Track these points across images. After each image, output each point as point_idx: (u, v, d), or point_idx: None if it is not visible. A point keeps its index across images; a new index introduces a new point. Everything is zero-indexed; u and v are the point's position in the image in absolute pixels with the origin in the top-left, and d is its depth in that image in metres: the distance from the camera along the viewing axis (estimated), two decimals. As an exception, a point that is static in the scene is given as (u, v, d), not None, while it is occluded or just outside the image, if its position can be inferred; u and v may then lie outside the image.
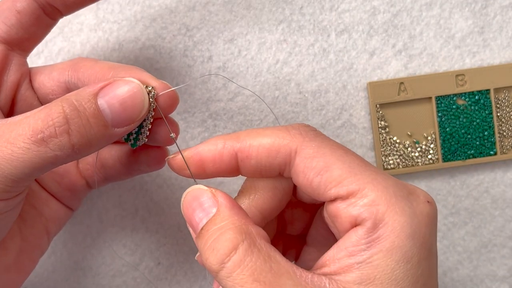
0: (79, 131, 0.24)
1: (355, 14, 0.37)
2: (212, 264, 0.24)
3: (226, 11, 0.37)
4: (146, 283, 0.38)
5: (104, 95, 0.25)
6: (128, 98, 0.25)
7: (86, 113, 0.24)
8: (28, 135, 0.23)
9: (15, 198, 0.25)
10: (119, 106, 0.25)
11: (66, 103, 0.24)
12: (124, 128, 0.25)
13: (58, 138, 0.24)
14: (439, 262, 0.38)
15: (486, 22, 0.37)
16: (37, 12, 0.29)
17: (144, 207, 0.38)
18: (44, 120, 0.24)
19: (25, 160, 0.23)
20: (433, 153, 0.37)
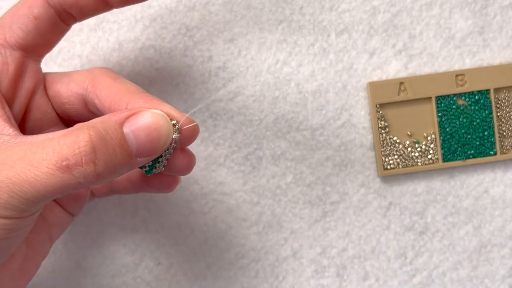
0: (104, 160, 0.24)
1: (355, 14, 0.37)
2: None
3: (226, 11, 0.37)
4: (146, 283, 0.38)
5: (130, 125, 0.25)
6: (154, 130, 0.25)
7: (112, 142, 0.24)
8: (53, 161, 0.23)
9: (31, 216, 0.25)
10: (145, 137, 0.25)
11: (93, 131, 0.24)
12: (146, 158, 0.25)
13: (84, 167, 0.24)
14: (437, 262, 0.38)
15: (486, 22, 0.37)
16: (53, 18, 0.29)
17: (144, 207, 0.38)
18: (70, 147, 0.23)
19: (48, 184, 0.23)
20: (433, 153, 0.37)
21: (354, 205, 0.38)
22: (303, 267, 0.38)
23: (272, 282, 0.38)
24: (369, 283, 0.38)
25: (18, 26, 0.28)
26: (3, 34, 0.28)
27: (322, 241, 0.38)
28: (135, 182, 0.31)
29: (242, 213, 0.38)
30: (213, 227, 0.38)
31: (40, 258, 0.31)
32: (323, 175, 0.38)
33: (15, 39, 0.28)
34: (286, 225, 0.38)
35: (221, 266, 0.38)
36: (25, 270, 0.29)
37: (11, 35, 0.28)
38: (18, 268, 0.29)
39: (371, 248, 0.38)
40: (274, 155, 0.38)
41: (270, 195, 0.38)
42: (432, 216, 0.38)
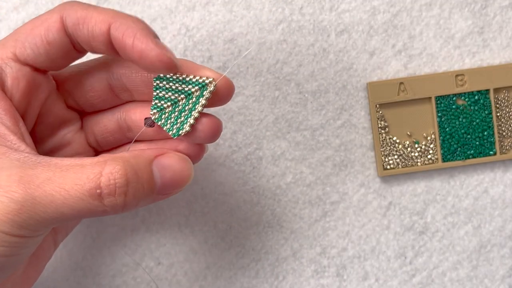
0: (134, 194, 0.25)
1: (355, 14, 0.37)
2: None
3: (226, 11, 0.37)
4: (146, 283, 0.38)
5: (158, 165, 0.26)
6: (178, 171, 0.27)
7: (143, 178, 0.26)
8: (87, 187, 0.24)
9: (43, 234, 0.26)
10: (170, 178, 0.27)
11: (128, 166, 0.25)
12: (165, 196, 0.27)
13: (115, 197, 0.25)
14: (437, 262, 0.38)
15: (485, 22, 0.37)
16: (66, 46, 0.28)
17: (144, 207, 0.38)
18: (106, 177, 0.24)
19: (74, 208, 0.24)
20: (432, 153, 0.38)
21: (354, 205, 0.38)
22: (303, 267, 0.38)
23: (272, 282, 0.38)
24: (369, 283, 0.38)
25: (30, 45, 0.28)
26: (15, 48, 0.28)
27: (322, 241, 0.38)
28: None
29: (242, 213, 0.38)
30: (213, 227, 0.38)
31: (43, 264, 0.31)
32: (323, 175, 0.38)
33: (24, 57, 0.28)
34: (286, 225, 0.38)
35: (221, 266, 0.38)
36: (27, 277, 0.30)
37: (22, 52, 0.28)
38: (21, 275, 0.29)
39: (371, 248, 0.38)
40: (274, 155, 0.38)
41: (270, 195, 0.38)
42: (432, 216, 0.38)
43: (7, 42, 0.28)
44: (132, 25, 0.27)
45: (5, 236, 0.24)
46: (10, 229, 0.24)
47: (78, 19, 0.27)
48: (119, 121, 0.31)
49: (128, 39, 0.26)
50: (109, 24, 0.27)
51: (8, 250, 0.24)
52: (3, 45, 0.28)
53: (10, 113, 0.27)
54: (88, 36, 0.27)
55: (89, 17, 0.27)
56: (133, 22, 0.27)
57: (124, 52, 0.27)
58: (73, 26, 0.27)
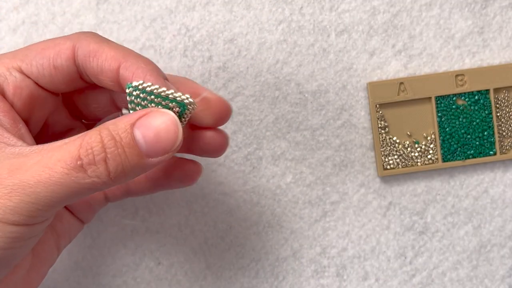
0: (115, 159, 0.24)
1: (355, 14, 0.37)
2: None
3: (226, 11, 0.37)
4: (146, 283, 0.38)
5: (140, 126, 0.25)
6: (162, 130, 0.25)
7: (122, 142, 0.25)
8: (68, 161, 0.24)
9: (40, 224, 0.25)
10: (153, 137, 0.25)
11: (104, 132, 0.25)
12: (158, 158, 0.26)
13: (96, 166, 0.24)
14: (437, 262, 0.38)
15: (485, 22, 0.37)
16: (72, 74, 0.28)
17: (144, 207, 0.38)
18: (83, 147, 0.24)
19: (63, 184, 0.24)
20: (432, 153, 0.38)
21: (354, 205, 0.38)
22: (303, 267, 0.38)
23: (272, 282, 0.38)
24: (369, 283, 0.38)
25: (36, 64, 0.28)
26: (21, 62, 0.28)
27: (322, 241, 0.38)
28: (153, 178, 0.32)
29: (242, 213, 0.38)
30: (213, 227, 0.38)
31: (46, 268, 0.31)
32: (323, 175, 0.38)
33: (28, 74, 0.28)
34: (286, 225, 0.38)
35: (221, 266, 0.38)
36: (29, 280, 0.29)
37: (26, 68, 0.28)
38: (22, 278, 0.29)
39: (371, 248, 0.38)
40: (274, 155, 0.38)
41: (270, 195, 0.38)
42: (432, 216, 0.38)
43: (17, 54, 0.28)
44: (142, 66, 0.27)
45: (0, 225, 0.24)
46: (3, 215, 0.24)
47: (90, 52, 0.27)
48: None
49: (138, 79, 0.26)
50: (120, 63, 0.27)
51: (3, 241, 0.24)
52: (13, 55, 0.28)
53: (9, 115, 0.27)
54: (97, 70, 0.27)
55: (100, 51, 0.27)
56: (144, 63, 0.27)
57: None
58: (84, 57, 0.27)
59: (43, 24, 0.37)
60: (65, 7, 0.37)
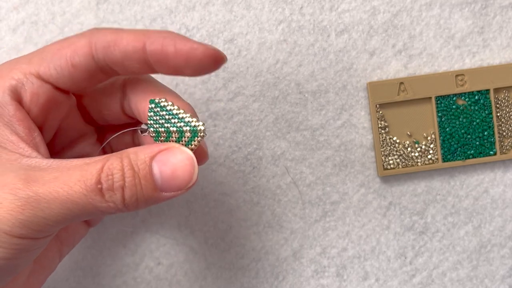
0: (131, 189, 0.25)
1: (355, 14, 0.37)
2: None
3: (226, 11, 0.37)
4: (146, 283, 0.38)
5: (159, 160, 0.26)
6: (179, 168, 0.26)
7: (140, 174, 0.25)
8: (88, 182, 0.24)
9: (45, 238, 0.26)
10: (170, 174, 0.26)
11: (125, 160, 0.25)
12: (171, 194, 0.26)
13: (114, 192, 0.25)
14: (437, 262, 0.38)
15: (486, 22, 0.37)
16: (92, 70, 0.28)
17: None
18: (105, 172, 0.25)
19: (79, 204, 0.24)
20: (433, 153, 0.38)
21: (354, 205, 0.38)
22: (303, 267, 0.38)
23: (272, 282, 0.38)
24: (369, 283, 0.38)
25: (54, 66, 0.28)
26: (39, 66, 0.28)
27: (322, 241, 0.38)
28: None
29: (242, 213, 0.38)
30: (213, 227, 0.38)
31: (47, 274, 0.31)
32: (323, 175, 0.38)
33: (47, 77, 0.28)
34: (286, 225, 0.38)
35: (221, 266, 0.38)
36: (30, 286, 0.29)
37: (45, 72, 0.28)
38: (23, 283, 0.29)
39: (371, 248, 0.38)
40: (274, 155, 0.38)
41: (270, 195, 0.38)
42: (432, 216, 0.38)
43: (33, 58, 0.28)
44: (168, 35, 0.27)
45: (5, 237, 0.24)
46: (11, 228, 0.24)
47: (109, 42, 0.27)
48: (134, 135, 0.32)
49: (169, 48, 0.26)
50: (143, 41, 0.27)
51: (7, 252, 0.24)
52: (29, 61, 0.28)
53: (25, 123, 0.27)
54: (121, 57, 0.27)
55: (119, 38, 0.27)
56: (167, 33, 0.27)
57: (166, 64, 0.27)
58: (104, 49, 0.27)
59: (43, 24, 0.37)
60: (65, 7, 0.37)
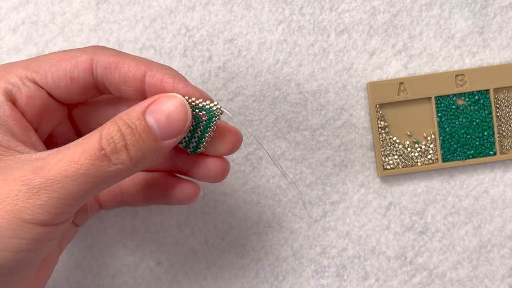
0: (134, 145, 0.26)
1: (355, 14, 0.37)
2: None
3: (226, 11, 0.37)
4: (146, 283, 0.38)
5: (151, 112, 0.26)
6: (173, 112, 0.27)
7: (137, 129, 0.26)
8: (92, 152, 0.25)
9: (63, 224, 0.26)
10: (166, 120, 0.27)
11: (120, 122, 0.26)
12: (172, 140, 0.27)
13: (119, 153, 0.25)
14: (438, 262, 0.38)
15: (485, 22, 0.37)
16: (88, 86, 0.29)
17: (144, 207, 0.38)
18: (104, 138, 0.25)
19: (89, 175, 0.25)
20: (432, 153, 0.38)
21: (354, 205, 0.38)
22: (303, 267, 0.38)
23: (272, 282, 0.38)
24: (369, 283, 0.38)
25: (52, 76, 0.28)
26: (36, 73, 0.28)
27: (322, 241, 0.38)
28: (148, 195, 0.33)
29: (242, 213, 0.38)
30: (213, 227, 0.38)
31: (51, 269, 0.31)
32: (323, 175, 0.38)
33: (43, 84, 0.28)
34: (286, 225, 0.38)
35: (221, 266, 0.38)
36: (38, 283, 0.30)
37: (41, 79, 0.28)
38: (32, 281, 0.29)
39: (371, 248, 0.38)
40: (274, 155, 0.38)
41: (270, 195, 0.38)
42: (432, 216, 0.38)
43: (31, 64, 0.28)
44: (169, 72, 0.28)
45: (28, 226, 0.24)
46: (32, 215, 0.24)
47: (111, 64, 0.28)
48: None
49: (167, 84, 0.28)
50: (144, 72, 0.28)
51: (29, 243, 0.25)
52: (27, 66, 0.28)
53: (20, 123, 0.27)
54: (119, 80, 0.28)
55: (121, 63, 0.28)
56: (168, 69, 0.28)
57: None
58: (104, 69, 0.28)
59: (43, 24, 0.37)
60: (65, 7, 0.37)
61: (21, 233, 0.24)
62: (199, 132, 0.29)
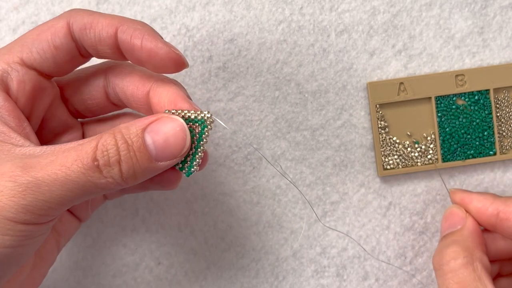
0: (127, 162, 0.26)
1: (355, 14, 0.37)
2: (433, 262, 0.33)
3: (226, 11, 0.37)
4: (146, 283, 0.38)
5: (150, 131, 0.26)
6: (172, 136, 0.26)
7: (133, 146, 0.26)
8: (85, 161, 0.25)
9: (48, 223, 0.26)
10: (163, 142, 0.26)
11: (118, 135, 0.26)
12: (167, 162, 0.27)
13: (112, 167, 0.25)
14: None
15: (485, 22, 0.37)
16: (73, 51, 0.29)
17: (144, 207, 0.38)
18: (99, 149, 0.25)
19: (78, 183, 0.25)
20: (432, 153, 0.38)
21: (354, 205, 0.38)
22: (303, 267, 0.38)
23: (272, 282, 0.38)
24: (369, 283, 0.38)
25: (37, 50, 0.28)
26: (21, 53, 0.28)
27: (322, 241, 0.38)
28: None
29: (242, 213, 0.38)
30: (213, 227, 0.38)
31: (47, 267, 0.31)
32: (323, 175, 0.38)
33: (31, 62, 0.28)
34: (286, 225, 0.38)
35: (221, 266, 0.38)
36: (33, 280, 0.30)
37: (28, 57, 0.28)
38: (27, 278, 0.29)
39: (371, 248, 0.38)
40: (274, 155, 0.38)
41: (270, 195, 0.38)
42: (432, 216, 0.38)
43: (13, 48, 0.28)
44: (139, 28, 0.28)
45: (10, 224, 0.24)
46: (15, 214, 0.24)
47: (85, 24, 0.28)
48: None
49: (136, 40, 0.27)
50: (116, 28, 0.28)
51: (13, 240, 0.24)
52: (9, 50, 0.28)
53: (14, 113, 0.27)
54: (95, 40, 0.28)
55: (95, 22, 0.28)
56: (140, 25, 0.28)
57: (132, 54, 0.28)
58: (80, 31, 0.28)
59: (43, 24, 0.37)
60: (65, 7, 0.37)
61: (3, 230, 0.24)
62: (193, 149, 0.28)
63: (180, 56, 0.28)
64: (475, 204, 0.34)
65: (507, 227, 0.32)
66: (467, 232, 0.33)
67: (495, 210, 0.33)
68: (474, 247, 0.32)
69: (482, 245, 0.33)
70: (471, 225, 0.34)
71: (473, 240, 0.33)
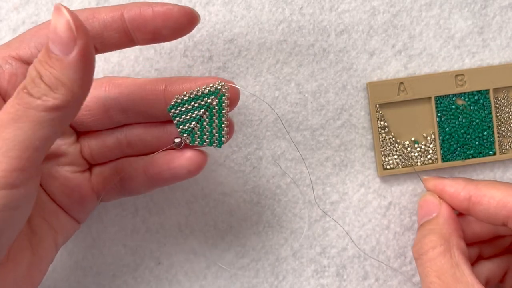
0: (45, 74, 0.25)
1: (355, 14, 0.37)
2: (413, 252, 0.33)
3: (226, 11, 0.37)
4: (146, 283, 0.38)
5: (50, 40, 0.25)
6: (56, 24, 0.25)
7: (43, 57, 0.25)
8: (18, 95, 0.25)
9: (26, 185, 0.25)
10: (53, 33, 0.25)
11: (35, 60, 0.25)
12: (75, 51, 0.25)
13: (38, 87, 0.25)
14: (438, 262, 0.38)
15: (485, 22, 0.37)
16: None
17: (144, 207, 0.38)
18: (26, 80, 0.25)
19: (22, 117, 0.24)
20: (432, 153, 0.38)
21: (354, 205, 0.38)
22: (303, 267, 0.38)
23: (272, 282, 0.38)
24: (369, 283, 0.38)
25: (35, 44, 0.28)
26: (18, 49, 0.28)
27: (322, 241, 0.38)
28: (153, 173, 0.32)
29: (242, 213, 0.38)
30: (213, 227, 0.38)
31: (46, 265, 0.31)
32: (323, 175, 0.38)
33: (28, 56, 0.28)
34: (286, 225, 0.38)
35: (221, 266, 0.38)
36: (31, 278, 0.29)
37: (26, 52, 0.28)
38: (24, 275, 0.29)
39: (371, 248, 0.38)
40: (274, 155, 0.38)
41: (270, 195, 0.38)
42: (431, 216, 0.38)
43: (11, 43, 0.29)
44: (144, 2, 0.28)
45: None
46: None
47: (87, 16, 0.28)
48: (119, 137, 0.32)
49: (146, 11, 0.28)
50: (121, 11, 0.28)
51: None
52: (7, 45, 0.29)
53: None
54: (99, 28, 0.28)
55: (96, 12, 0.28)
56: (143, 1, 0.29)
57: (145, 27, 0.28)
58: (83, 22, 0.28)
59: (43, 24, 0.37)
60: (65, 7, 0.37)
61: None
62: (216, 121, 0.29)
63: (192, 10, 0.29)
64: (447, 189, 0.34)
65: (479, 210, 0.33)
66: (442, 220, 0.34)
67: (467, 194, 0.33)
68: (450, 234, 0.33)
69: (458, 230, 0.33)
70: (446, 212, 0.34)
71: (448, 227, 0.33)
